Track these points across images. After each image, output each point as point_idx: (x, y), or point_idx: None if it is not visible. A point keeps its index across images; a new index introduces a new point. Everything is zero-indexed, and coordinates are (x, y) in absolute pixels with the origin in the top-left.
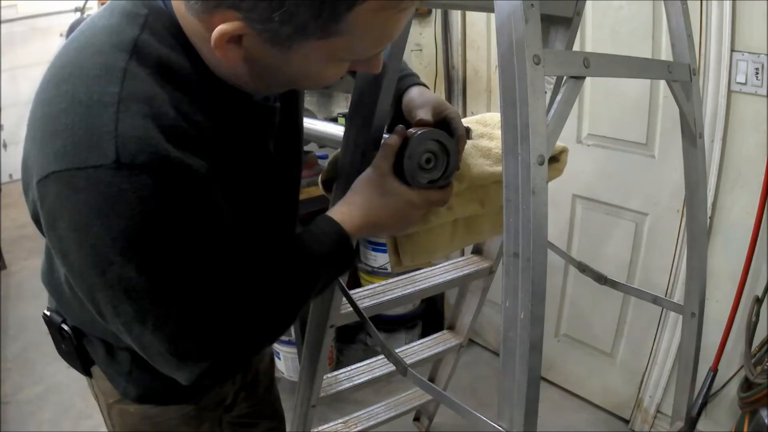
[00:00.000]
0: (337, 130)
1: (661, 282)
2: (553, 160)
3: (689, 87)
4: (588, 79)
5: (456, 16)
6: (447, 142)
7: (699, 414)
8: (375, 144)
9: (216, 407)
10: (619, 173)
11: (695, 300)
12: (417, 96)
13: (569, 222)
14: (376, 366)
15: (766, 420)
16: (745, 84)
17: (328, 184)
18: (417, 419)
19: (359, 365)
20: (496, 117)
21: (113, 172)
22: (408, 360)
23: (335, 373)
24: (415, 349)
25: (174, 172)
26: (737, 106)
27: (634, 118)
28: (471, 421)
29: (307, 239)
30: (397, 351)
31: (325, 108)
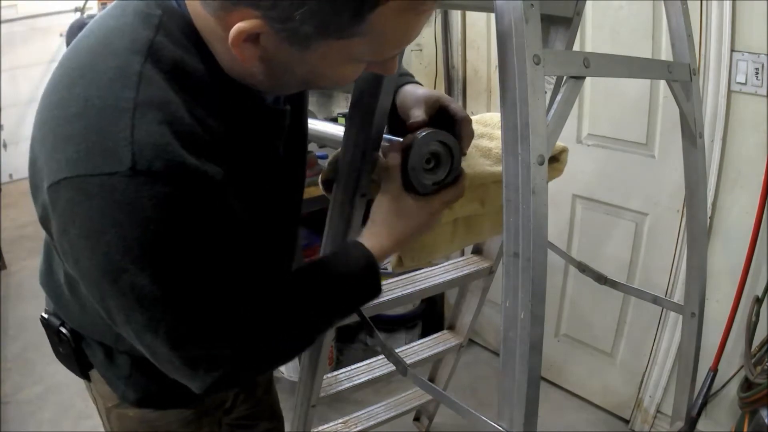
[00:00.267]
0: (337, 130)
1: (661, 282)
2: (553, 160)
3: (689, 87)
4: (588, 79)
5: (456, 16)
6: (445, 138)
7: (699, 414)
8: (375, 144)
9: (215, 410)
10: (619, 173)
11: (695, 300)
12: (409, 94)
13: (569, 222)
14: (376, 366)
15: (766, 420)
16: (745, 84)
17: (328, 184)
18: (417, 419)
19: (359, 365)
20: (496, 117)
21: (128, 179)
22: (408, 360)
23: (335, 373)
24: (415, 349)
25: (190, 179)
26: (737, 106)
27: (634, 118)
28: (471, 421)
29: (335, 261)
30: (397, 351)
31: (325, 108)
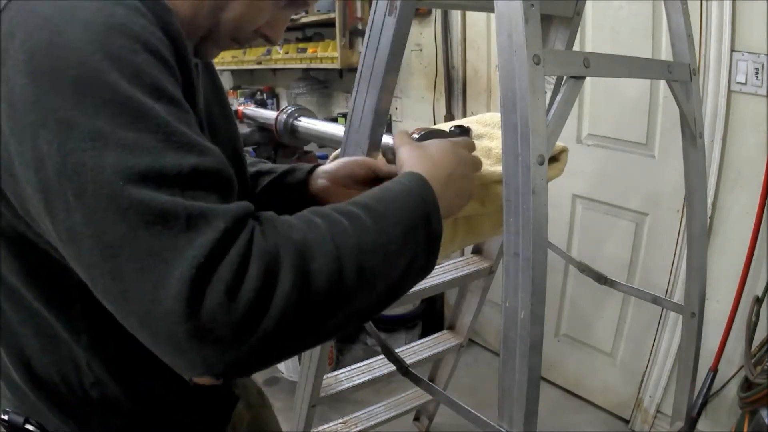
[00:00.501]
0: (337, 130)
1: (661, 282)
2: (553, 159)
3: (689, 87)
4: (588, 79)
5: (456, 16)
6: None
7: (699, 414)
8: (375, 144)
9: None
10: (619, 173)
11: (695, 300)
12: (341, 166)
13: (569, 222)
14: (376, 366)
15: (766, 420)
16: (745, 84)
17: None
18: (417, 419)
19: (359, 365)
20: (496, 117)
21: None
22: (408, 360)
23: (335, 373)
24: (415, 349)
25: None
26: (737, 106)
27: (634, 118)
28: (471, 421)
29: (380, 193)
30: (397, 351)
31: (325, 108)
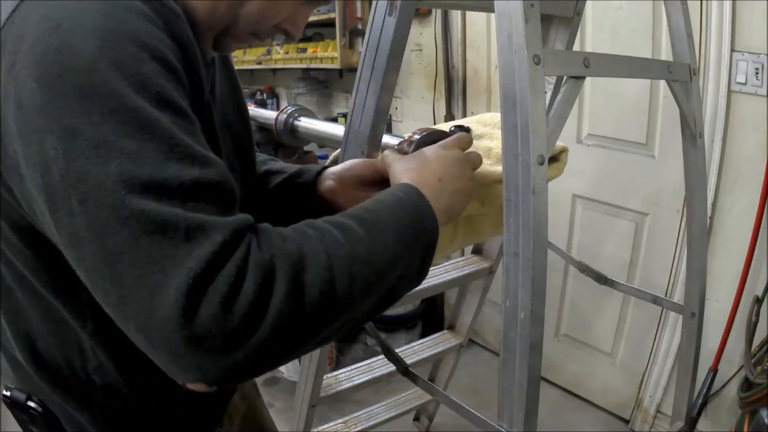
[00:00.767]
0: (337, 130)
1: (661, 282)
2: (553, 159)
3: (689, 87)
4: (588, 79)
5: (456, 16)
6: (441, 136)
7: (699, 414)
8: (375, 144)
9: None
10: (619, 173)
11: (695, 300)
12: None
13: (569, 222)
14: (376, 366)
15: (766, 420)
16: (745, 84)
17: None
18: (417, 419)
19: (359, 365)
20: (496, 117)
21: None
22: (408, 360)
23: (335, 373)
24: (415, 349)
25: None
26: (737, 106)
27: (634, 118)
28: (471, 421)
29: (373, 205)
30: (397, 351)
31: (325, 108)
